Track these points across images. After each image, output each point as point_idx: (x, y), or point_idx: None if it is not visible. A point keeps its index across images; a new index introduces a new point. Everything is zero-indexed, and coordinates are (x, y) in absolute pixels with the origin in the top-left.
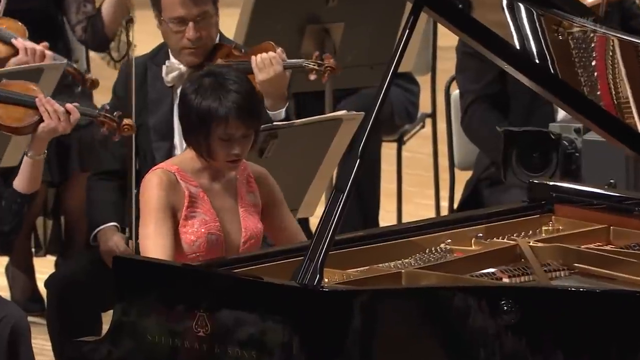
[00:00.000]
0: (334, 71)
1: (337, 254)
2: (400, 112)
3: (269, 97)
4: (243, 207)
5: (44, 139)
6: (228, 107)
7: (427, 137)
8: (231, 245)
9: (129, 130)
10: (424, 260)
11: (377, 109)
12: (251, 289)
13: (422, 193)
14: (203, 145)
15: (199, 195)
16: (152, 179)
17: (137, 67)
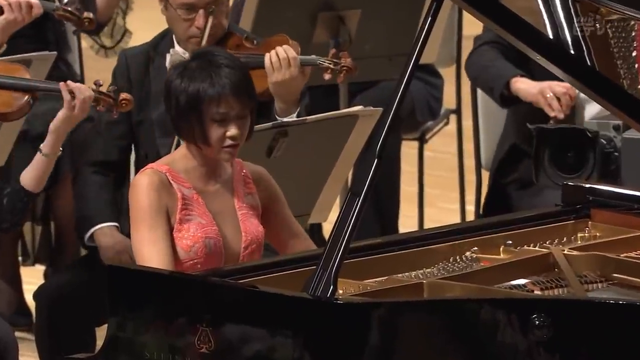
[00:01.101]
0: (351, 72)
1: (352, 263)
2: (422, 108)
3: (281, 100)
4: (241, 209)
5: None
6: (221, 83)
7: (451, 135)
8: (231, 251)
9: (127, 105)
10: (447, 270)
11: (396, 104)
12: (259, 301)
13: (445, 196)
14: (197, 130)
15: (192, 197)
16: (142, 180)
17: (138, 57)
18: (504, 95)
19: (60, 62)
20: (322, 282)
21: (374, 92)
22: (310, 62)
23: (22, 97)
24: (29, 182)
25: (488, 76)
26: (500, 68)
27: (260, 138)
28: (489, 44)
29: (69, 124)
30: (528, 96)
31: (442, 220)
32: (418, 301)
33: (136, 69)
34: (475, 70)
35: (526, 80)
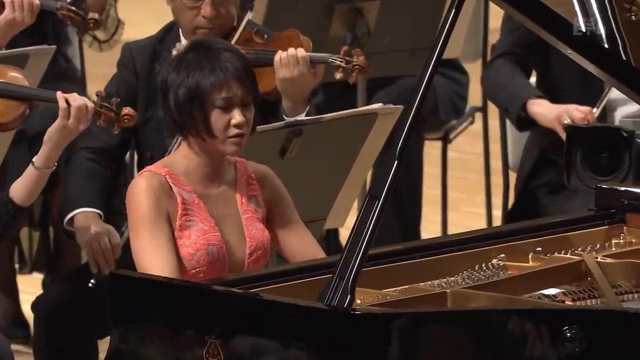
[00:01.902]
0: (364, 71)
1: (371, 271)
2: (445, 106)
3: (288, 99)
4: (245, 213)
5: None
6: (222, 67)
7: (477, 135)
8: (235, 258)
9: (129, 121)
10: (472, 278)
11: (418, 101)
12: (271, 311)
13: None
14: (200, 120)
15: (193, 201)
16: (140, 183)
17: (143, 51)
18: (520, 118)
19: (60, 57)
20: (338, 291)
21: (394, 88)
22: (321, 60)
23: (18, 107)
24: (19, 194)
25: (504, 96)
26: (516, 87)
27: (272, 138)
28: (505, 55)
29: (63, 135)
30: (544, 121)
31: (467, 225)
32: (441, 312)
33: (142, 63)
34: (491, 87)
35: (543, 103)
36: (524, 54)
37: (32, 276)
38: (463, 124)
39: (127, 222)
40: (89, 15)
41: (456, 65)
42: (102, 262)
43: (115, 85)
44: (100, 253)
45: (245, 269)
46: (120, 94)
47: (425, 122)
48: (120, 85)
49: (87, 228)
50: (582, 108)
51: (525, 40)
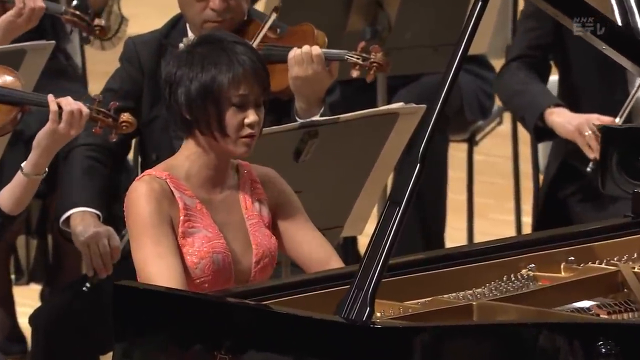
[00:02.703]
0: (382, 68)
1: (392, 281)
2: (471, 105)
3: (302, 99)
4: (250, 219)
5: (50, 151)
6: (240, 61)
7: (505, 136)
8: (241, 267)
9: (127, 128)
10: (500, 290)
11: (442, 100)
12: (285, 325)
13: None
14: (213, 118)
15: (195, 207)
16: (140, 188)
17: (148, 45)
18: (537, 127)
19: (59, 53)
20: (357, 303)
21: (417, 86)
22: (337, 56)
23: (9, 112)
24: (6, 202)
25: (520, 103)
26: (533, 94)
27: (286, 139)
28: (520, 59)
29: (53, 140)
30: (564, 132)
31: (495, 233)
32: (467, 325)
33: (147, 58)
34: (506, 94)
35: (562, 112)
36: (540, 56)
37: (29, 287)
38: (490, 125)
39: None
40: (94, 21)
41: (483, 62)
42: (99, 265)
43: (118, 81)
44: (97, 255)
45: (252, 278)
46: (123, 90)
47: (449, 122)
48: (124, 81)
49: (85, 228)
50: (603, 118)
51: (542, 41)
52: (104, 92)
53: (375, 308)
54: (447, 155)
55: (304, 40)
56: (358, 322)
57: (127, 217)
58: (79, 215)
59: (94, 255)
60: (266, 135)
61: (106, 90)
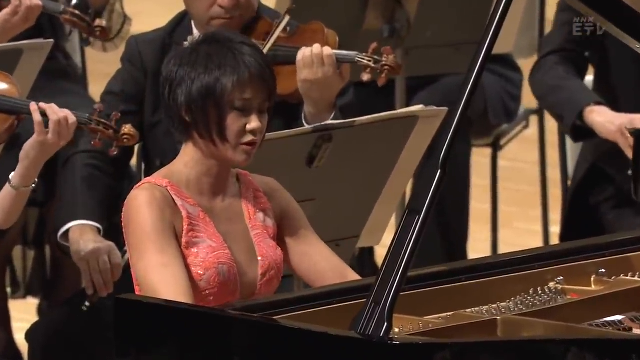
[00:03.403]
0: (394, 71)
1: (411, 295)
2: (495, 108)
3: (311, 104)
4: (255, 229)
5: (39, 162)
6: (246, 63)
7: (531, 141)
8: (246, 279)
9: (129, 141)
10: (526, 304)
11: (464, 103)
12: (297, 341)
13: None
14: (213, 121)
15: (198, 215)
16: (140, 196)
17: (152, 44)
18: (576, 127)
19: (58, 53)
20: (374, 318)
21: (438, 88)
22: (346, 58)
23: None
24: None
25: (558, 100)
26: (572, 91)
27: (298, 144)
28: (557, 53)
29: (41, 151)
30: (605, 132)
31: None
32: (491, 342)
33: (151, 58)
34: (542, 90)
35: (604, 111)
36: (579, 51)
37: (26, 301)
38: (516, 129)
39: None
40: (95, 22)
41: (508, 62)
42: (99, 283)
43: (120, 83)
44: (97, 272)
45: (257, 291)
46: (125, 93)
47: (472, 126)
48: (125, 83)
49: (84, 244)
50: None
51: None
52: (104, 95)
53: (393, 323)
54: (469, 161)
55: (313, 40)
56: (375, 338)
57: (127, 227)
58: (78, 229)
59: (93, 272)
60: (277, 140)
61: (107, 92)
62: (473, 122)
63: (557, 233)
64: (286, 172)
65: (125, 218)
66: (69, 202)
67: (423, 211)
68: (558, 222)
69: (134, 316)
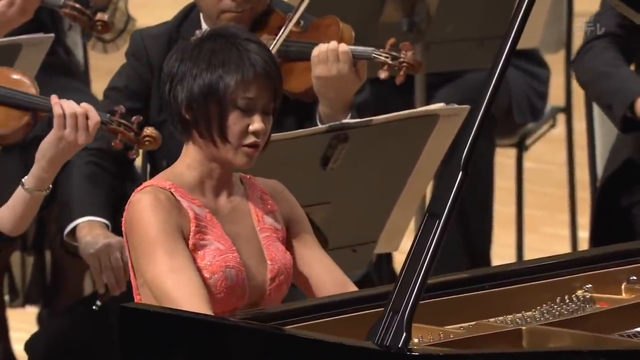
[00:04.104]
0: (413, 68)
1: (431, 303)
2: (521, 106)
3: (325, 103)
4: (263, 232)
5: (56, 162)
6: (251, 60)
7: (559, 141)
8: (255, 283)
9: (150, 144)
10: (553, 313)
11: (487, 100)
12: (311, 352)
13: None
14: (215, 120)
15: (205, 217)
16: (145, 199)
17: (158, 39)
18: (626, 118)
19: (59, 47)
20: (392, 327)
21: (459, 85)
22: (362, 54)
23: (21, 117)
24: (6, 222)
25: (606, 88)
26: (623, 79)
27: (312, 145)
28: (607, 37)
29: (59, 150)
30: None
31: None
32: (515, 353)
33: (157, 54)
34: (588, 75)
35: None
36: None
37: (24, 310)
38: (542, 128)
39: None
40: (97, 16)
41: (534, 57)
42: (111, 281)
43: (124, 78)
44: (109, 270)
45: (266, 296)
46: (129, 89)
47: (496, 125)
48: (130, 79)
49: (94, 239)
50: None
51: None
52: (107, 91)
53: (412, 333)
54: (493, 162)
55: (328, 35)
56: (393, 349)
57: (131, 233)
58: (86, 225)
59: (105, 269)
60: (290, 140)
61: (110, 88)
62: (497, 121)
63: (586, 238)
64: (299, 174)
65: (128, 223)
66: (73, 200)
67: (444, 215)
68: (586, 227)
69: (139, 326)
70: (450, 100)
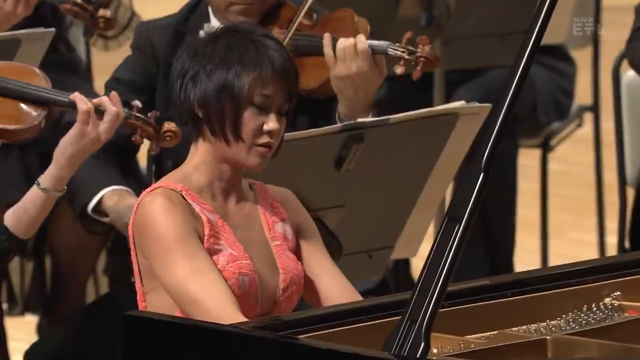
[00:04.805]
0: (431, 64)
1: (451, 311)
2: (546, 104)
3: (344, 103)
4: (274, 240)
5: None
6: (270, 56)
7: (586, 141)
8: (266, 292)
9: (171, 140)
10: (579, 322)
11: (510, 99)
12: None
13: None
14: (229, 117)
15: (217, 222)
16: (157, 201)
17: (163, 32)
18: None
19: (60, 43)
20: (409, 337)
21: (481, 82)
22: (378, 49)
23: (34, 112)
24: (18, 223)
25: None
26: None
27: (326, 144)
28: None
29: (81, 147)
30: None
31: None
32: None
33: (163, 47)
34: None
35: None
36: None
37: (24, 319)
38: (568, 128)
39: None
40: (99, 12)
41: (560, 53)
42: None
43: (129, 70)
44: None
45: (278, 306)
46: (133, 83)
47: (520, 124)
48: (135, 72)
49: (126, 207)
50: None
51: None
52: (110, 82)
53: (431, 343)
54: (516, 164)
55: (341, 29)
56: (411, 359)
57: (142, 237)
58: (115, 194)
59: None
60: (302, 140)
61: (113, 79)
62: (520, 120)
63: (614, 243)
64: (312, 175)
65: (138, 226)
66: (89, 178)
67: (464, 219)
68: (615, 232)
69: (144, 335)
70: (471, 99)
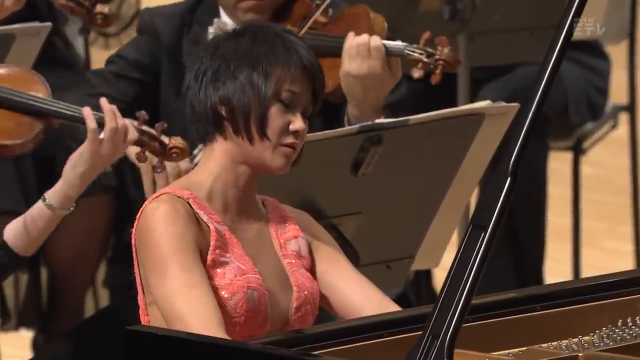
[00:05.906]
0: (450, 66)
1: (475, 326)
2: (578, 104)
3: (354, 104)
4: (286, 258)
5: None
6: (299, 53)
7: (621, 143)
8: (278, 310)
9: (178, 156)
10: (614, 337)
11: (539, 98)
12: None
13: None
14: (255, 113)
15: (224, 234)
16: (160, 208)
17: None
18: None
19: (57, 38)
20: (431, 353)
21: (508, 81)
22: (394, 51)
23: (32, 126)
24: (19, 240)
25: None
26: None
27: (342, 147)
28: None
29: (92, 165)
30: None
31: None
32: None
33: (167, 34)
34: None
35: None
36: None
37: (18, 334)
38: (602, 129)
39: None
40: (96, 8)
41: (594, 49)
42: None
43: (134, 50)
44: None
45: (289, 327)
46: (138, 61)
47: (550, 125)
48: (141, 51)
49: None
50: None
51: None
52: (114, 57)
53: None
54: (546, 168)
55: (356, 26)
56: None
57: (142, 244)
58: None
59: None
60: (317, 142)
61: (117, 55)
62: (551, 120)
63: None
64: (327, 180)
65: (140, 233)
66: None
67: (490, 227)
68: None
69: (146, 350)
70: (497, 98)
